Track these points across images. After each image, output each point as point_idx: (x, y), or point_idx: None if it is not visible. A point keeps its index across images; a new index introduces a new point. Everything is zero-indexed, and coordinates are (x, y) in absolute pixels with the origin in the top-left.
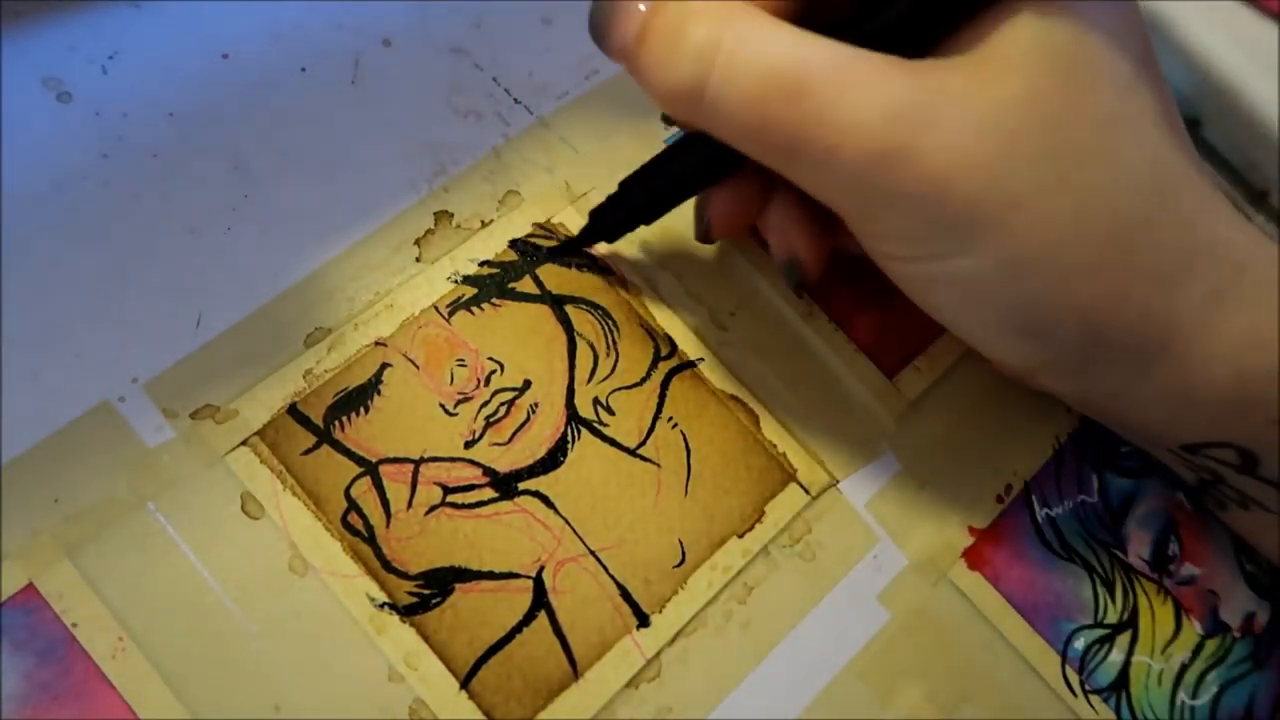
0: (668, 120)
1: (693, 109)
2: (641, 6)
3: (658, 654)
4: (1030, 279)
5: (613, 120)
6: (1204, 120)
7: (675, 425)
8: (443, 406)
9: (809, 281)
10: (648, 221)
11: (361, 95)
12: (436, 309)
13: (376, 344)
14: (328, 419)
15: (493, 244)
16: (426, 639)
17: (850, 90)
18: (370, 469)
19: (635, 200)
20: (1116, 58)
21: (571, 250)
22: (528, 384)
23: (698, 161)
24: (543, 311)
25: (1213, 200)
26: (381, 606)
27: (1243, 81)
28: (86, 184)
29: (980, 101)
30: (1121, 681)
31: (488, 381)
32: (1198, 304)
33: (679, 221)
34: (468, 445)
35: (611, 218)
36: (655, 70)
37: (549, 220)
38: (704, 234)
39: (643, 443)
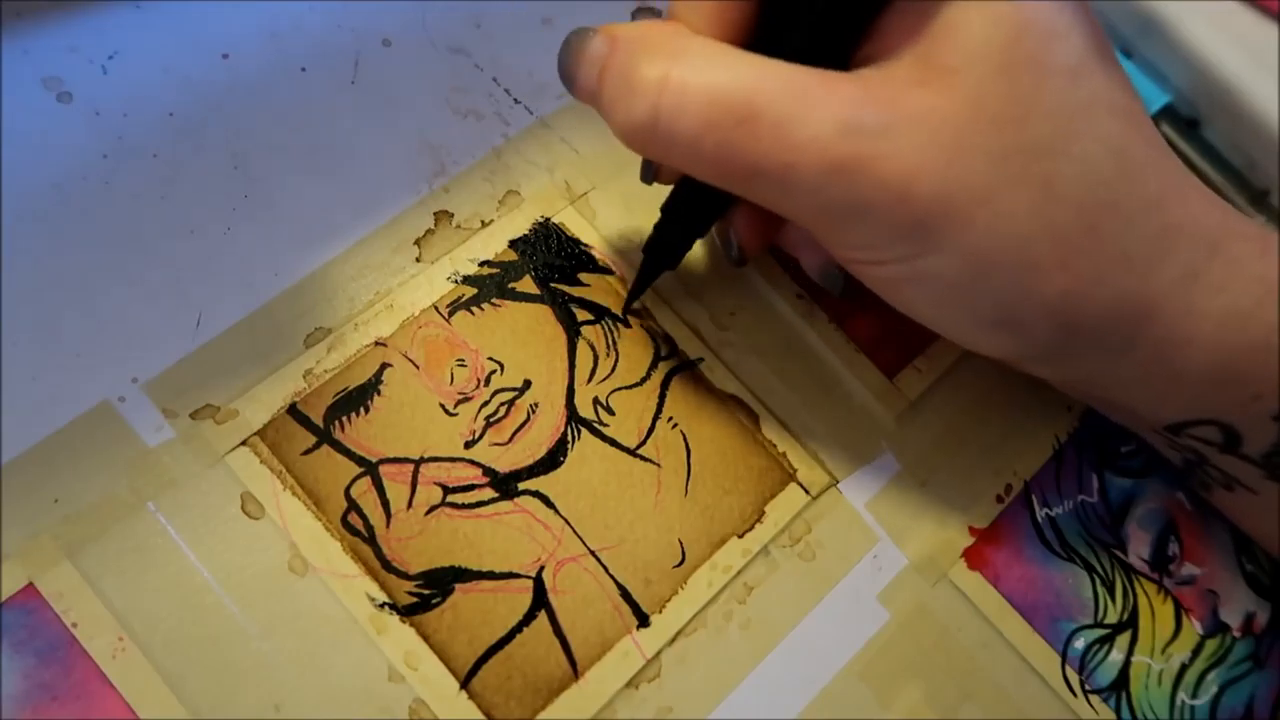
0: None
1: (649, 143)
2: (604, 49)
3: (658, 654)
4: (997, 274)
5: None
6: (1204, 120)
7: (675, 425)
8: (443, 406)
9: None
10: (702, 234)
11: (361, 95)
12: (436, 309)
13: (376, 344)
14: (328, 419)
15: (493, 244)
16: (426, 639)
17: (801, 107)
18: (370, 469)
19: (684, 220)
20: (1062, 49)
21: (639, 292)
22: (528, 384)
23: None
24: (543, 311)
25: (1180, 180)
26: (381, 606)
27: (1243, 81)
28: (86, 184)
29: (928, 106)
30: (1121, 681)
31: (488, 381)
32: (1173, 285)
33: None
34: (468, 445)
35: (667, 245)
36: (613, 110)
37: (549, 219)
38: (738, 259)
39: (643, 443)
